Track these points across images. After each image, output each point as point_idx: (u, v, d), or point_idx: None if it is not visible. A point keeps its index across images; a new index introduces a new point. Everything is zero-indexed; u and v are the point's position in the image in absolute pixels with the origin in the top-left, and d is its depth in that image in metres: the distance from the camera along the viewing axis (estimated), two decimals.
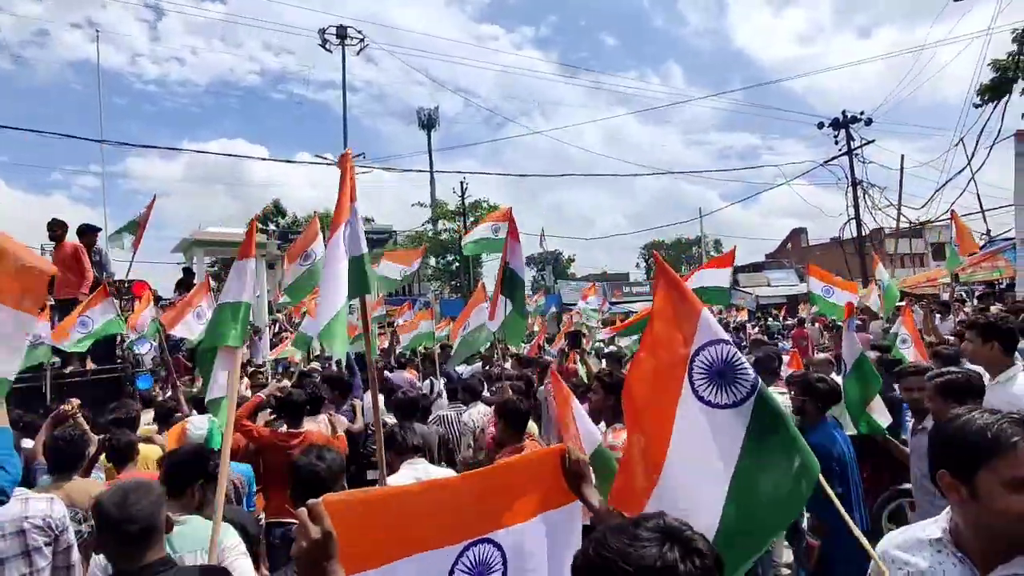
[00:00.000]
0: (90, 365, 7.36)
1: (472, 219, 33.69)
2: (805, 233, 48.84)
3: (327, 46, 23.68)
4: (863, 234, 19.52)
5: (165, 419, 4.97)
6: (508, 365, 8.77)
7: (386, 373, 8.14)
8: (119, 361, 7.64)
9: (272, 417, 5.35)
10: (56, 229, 7.41)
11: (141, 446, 3.92)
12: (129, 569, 1.81)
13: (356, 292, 2.90)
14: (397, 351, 11.45)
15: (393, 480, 3.19)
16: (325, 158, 22.11)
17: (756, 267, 44.70)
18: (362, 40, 23.88)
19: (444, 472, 3.50)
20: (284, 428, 4.54)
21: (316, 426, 4.62)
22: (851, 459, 3.37)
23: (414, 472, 3.29)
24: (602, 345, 12.04)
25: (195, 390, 6.15)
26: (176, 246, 22.37)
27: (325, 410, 5.00)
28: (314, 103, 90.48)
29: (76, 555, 2.72)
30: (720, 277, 6.31)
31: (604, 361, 9.50)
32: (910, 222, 17.78)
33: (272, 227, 31.40)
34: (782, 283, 40.21)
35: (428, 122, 46.99)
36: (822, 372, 4.62)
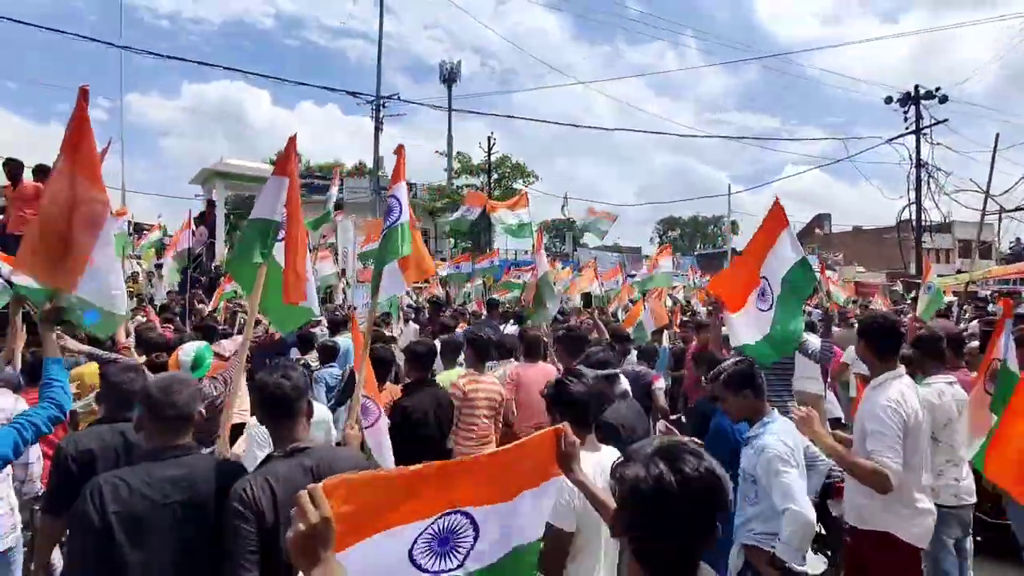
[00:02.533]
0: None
1: (496, 176, 32.54)
2: (828, 219, 47.72)
3: None
4: (922, 220, 18.34)
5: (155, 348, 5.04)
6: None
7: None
8: None
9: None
10: (13, 168, 7.49)
11: (82, 368, 4.48)
12: (163, 446, 2.07)
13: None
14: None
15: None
16: (357, 94, 20.82)
17: None
18: None
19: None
20: None
21: None
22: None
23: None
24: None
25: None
26: (195, 177, 21.33)
27: None
28: (327, 50, 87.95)
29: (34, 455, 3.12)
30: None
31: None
32: (1001, 208, 16.60)
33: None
34: None
35: (450, 76, 45.43)
36: None
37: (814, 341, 5.03)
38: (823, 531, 3.90)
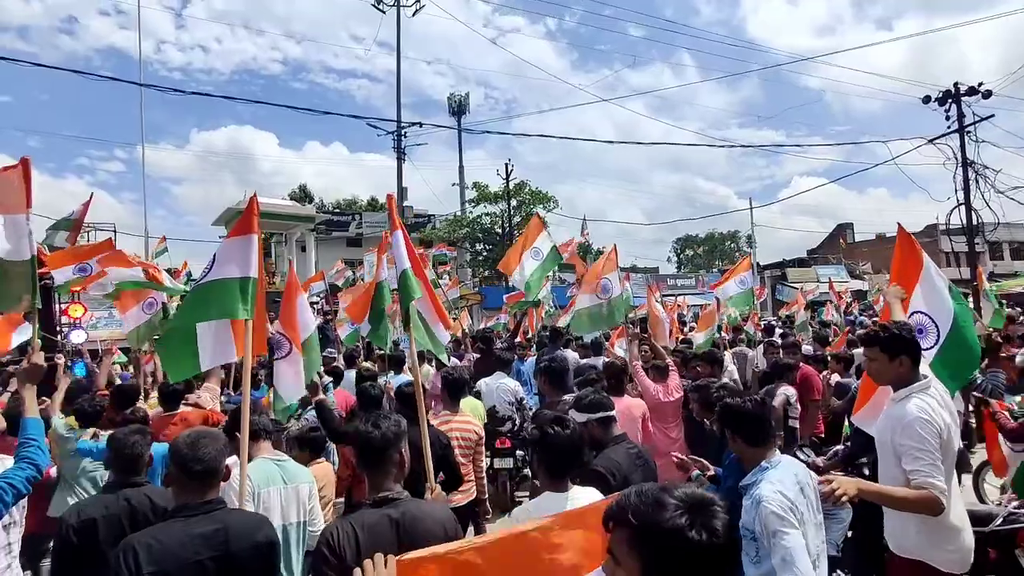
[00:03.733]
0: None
1: (516, 202, 32.25)
2: (851, 228, 47.07)
3: (380, 5, 22.34)
4: (973, 222, 17.55)
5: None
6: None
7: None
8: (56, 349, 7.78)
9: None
10: None
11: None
12: (194, 502, 2.13)
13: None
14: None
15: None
16: (377, 125, 20.76)
17: (802, 262, 43.10)
18: (418, 0, 22.51)
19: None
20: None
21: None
22: None
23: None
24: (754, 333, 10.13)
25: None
26: (218, 218, 21.20)
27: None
28: (334, 91, 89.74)
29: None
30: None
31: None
32: None
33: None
34: (833, 279, 38.76)
35: (459, 108, 45.70)
36: None
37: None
38: None
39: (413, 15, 23.39)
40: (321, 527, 2.98)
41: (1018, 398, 4.59)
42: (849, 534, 3.99)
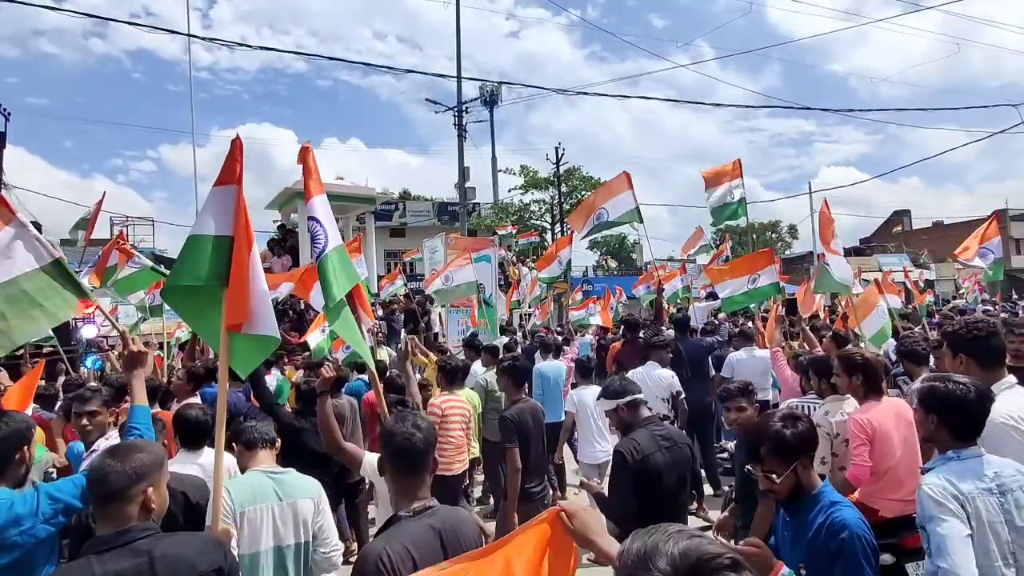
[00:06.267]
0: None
1: (567, 188, 31.01)
2: (908, 216, 44.93)
3: None
4: None
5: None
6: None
7: None
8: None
9: None
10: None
11: None
12: (111, 532, 1.80)
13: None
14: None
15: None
16: (434, 100, 19.55)
17: (858, 251, 41.28)
18: None
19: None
20: None
21: None
22: None
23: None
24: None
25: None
26: (271, 201, 20.17)
27: None
28: (356, 88, 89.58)
29: None
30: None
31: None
32: None
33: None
34: (894, 268, 36.96)
35: (491, 98, 44.53)
36: None
37: None
38: None
39: None
40: (335, 546, 2.84)
41: None
42: None
